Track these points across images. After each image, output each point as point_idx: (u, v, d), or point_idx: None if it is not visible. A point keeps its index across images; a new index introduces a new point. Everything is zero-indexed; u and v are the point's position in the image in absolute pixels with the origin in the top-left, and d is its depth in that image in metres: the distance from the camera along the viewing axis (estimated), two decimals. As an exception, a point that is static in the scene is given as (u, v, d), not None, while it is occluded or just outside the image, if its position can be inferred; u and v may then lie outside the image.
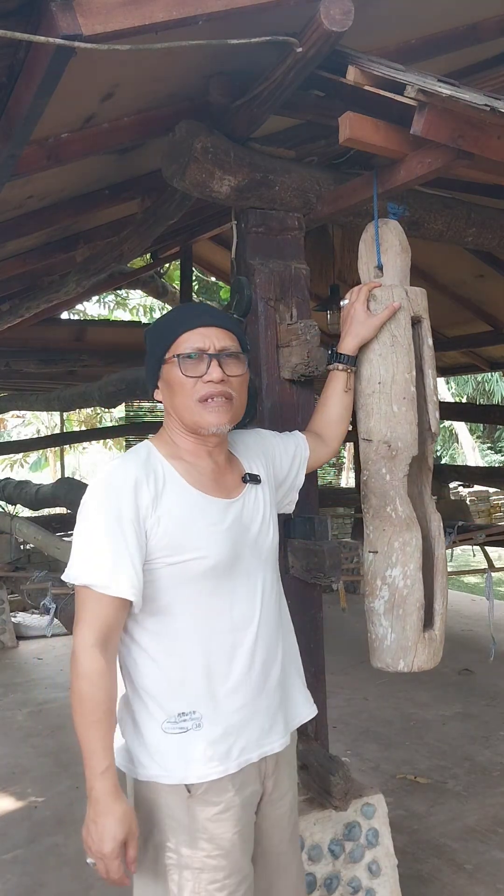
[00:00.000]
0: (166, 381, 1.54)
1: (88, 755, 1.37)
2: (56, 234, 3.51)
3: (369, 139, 1.79)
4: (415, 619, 1.82)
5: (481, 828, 3.05)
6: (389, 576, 1.85)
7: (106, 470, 1.50)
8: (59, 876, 2.82)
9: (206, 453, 1.56)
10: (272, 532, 1.63)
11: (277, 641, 1.60)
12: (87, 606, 1.41)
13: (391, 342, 1.86)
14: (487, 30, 2.26)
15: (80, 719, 1.37)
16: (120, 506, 1.42)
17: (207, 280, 8.65)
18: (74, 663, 1.39)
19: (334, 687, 4.29)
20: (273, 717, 1.56)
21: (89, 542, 1.43)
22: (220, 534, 1.50)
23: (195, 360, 1.49)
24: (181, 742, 1.45)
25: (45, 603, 4.09)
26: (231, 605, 1.51)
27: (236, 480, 1.60)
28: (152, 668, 1.48)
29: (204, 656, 1.48)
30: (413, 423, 1.85)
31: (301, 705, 1.69)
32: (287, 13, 1.64)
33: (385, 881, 2.15)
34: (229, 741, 1.48)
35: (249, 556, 1.55)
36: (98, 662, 1.37)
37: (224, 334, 1.53)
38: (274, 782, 1.60)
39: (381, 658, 1.88)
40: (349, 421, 1.93)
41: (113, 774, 1.38)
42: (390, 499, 1.86)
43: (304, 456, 1.82)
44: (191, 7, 1.46)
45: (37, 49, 1.48)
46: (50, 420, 16.84)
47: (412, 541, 1.83)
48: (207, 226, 4.10)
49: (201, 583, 1.47)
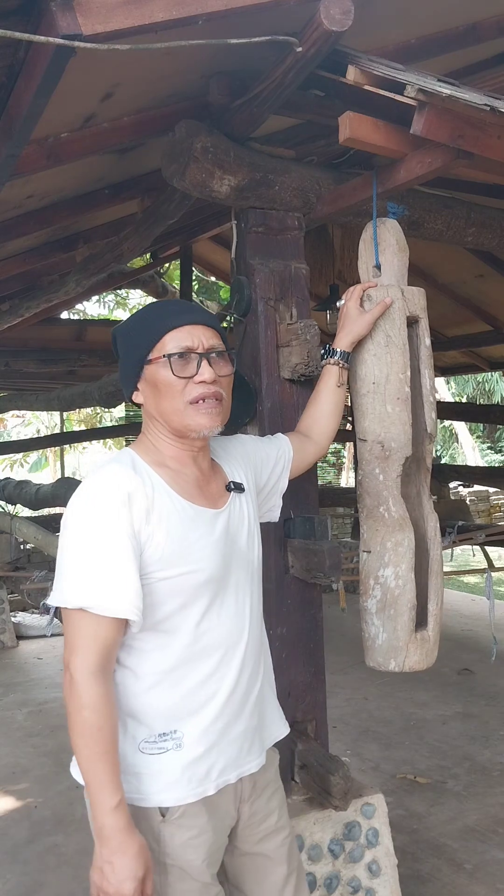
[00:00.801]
0: (151, 382, 1.44)
1: (97, 789, 1.27)
2: (56, 234, 3.51)
3: (369, 139, 1.79)
4: (406, 619, 1.82)
5: (481, 827, 3.06)
6: (382, 576, 1.84)
7: (92, 481, 1.38)
8: (59, 876, 2.82)
9: (190, 459, 1.47)
10: (257, 545, 1.56)
11: (260, 658, 1.54)
12: (82, 631, 1.31)
13: (385, 342, 1.85)
14: (487, 30, 2.26)
15: (85, 752, 1.28)
16: (113, 520, 1.32)
17: (207, 280, 8.65)
18: (74, 693, 1.29)
19: (334, 687, 4.31)
20: (252, 736, 1.50)
21: (82, 560, 1.32)
22: (211, 546, 1.42)
23: (184, 360, 1.41)
24: (159, 763, 1.37)
25: (45, 603, 4.10)
26: (221, 622, 1.44)
27: (220, 489, 1.52)
28: (134, 686, 1.39)
29: (191, 675, 1.40)
30: (407, 423, 1.85)
31: (275, 723, 1.62)
32: (287, 13, 1.64)
33: (385, 881, 2.15)
34: (209, 762, 1.41)
35: (238, 571, 1.48)
36: (101, 690, 1.29)
37: (211, 332, 1.46)
38: (251, 809, 1.52)
39: (373, 657, 1.88)
40: (340, 417, 1.90)
41: (125, 808, 1.28)
42: (383, 499, 1.86)
43: (287, 458, 1.75)
44: (191, 7, 1.46)
45: (37, 49, 1.48)
46: (50, 420, 16.83)
47: (404, 541, 1.83)
48: (207, 226, 4.09)
49: (192, 598, 1.39)
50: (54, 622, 4.45)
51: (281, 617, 2.08)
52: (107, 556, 1.31)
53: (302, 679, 2.11)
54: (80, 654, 1.30)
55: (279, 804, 1.60)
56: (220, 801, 1.45)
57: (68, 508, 1.39)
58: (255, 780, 1.52)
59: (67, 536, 1.36)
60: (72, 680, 1.30)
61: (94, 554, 1.32)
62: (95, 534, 1.32)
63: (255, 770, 1.51)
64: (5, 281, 4.00)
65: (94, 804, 1.28)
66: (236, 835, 1.54)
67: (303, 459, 1.81)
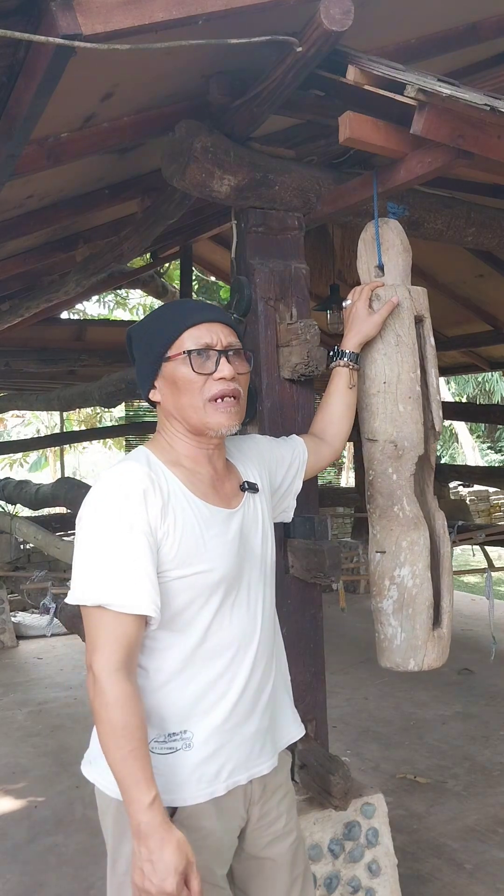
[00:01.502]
0: (169, 379, 1.44)
1: (131, 787, 1.25)
2: (56, 234, 3.52)
3: (369, 139, 1.79)
4: (424, 617, 1.82)
5: (481, 827, 3.06)
6: (398, 575, 1.84)
7: (108, 478, 1.37)
8: (59, 876, 2.82)
9: (205, 459, 1.47)
10: (271, 546, 1.56)
11: (272, 659, 1.54)
12: (104, 629, 1.29)
13: (396, 342, 1.85)
14: (487, 30, 2.26)
15: (116, 752, 1.25)
16: (130, 516, 1.31)
17: (207, 280, 8.65)
18: (99, 692, 1.27)
19: (334, 687, 4.31)
20: (263, 737, 1.49)
21: (99, 557, 1.31)
22: (225, 546, 1.42)
23: (203, 357, 1.41)
24: (168, 763, 1.37)
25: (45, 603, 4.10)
26: (232, 622, 1.43)
27: (235, 489, 1.52)
28: (144, 685, 1.38)
29: (202, 674, 1.40)
30: (419, 422, 1.85)
31: (289, 725, 1.61)
32: (287, 13, 1.64)
33: (385, 881, 2.16)
34: (219, 762, 1.40)
35: (251, 571, 1.48)
36: (126, 687, 1.27)
37: (229, 330, 1.46)
38: (260, 811, 1.52)
39: (391, 658, 1.87)
40: (353, 419, 1.90)
41: (160, 803, 1.27)
42: (397, 498, 1.86)
43: (301, 460, 1.75)
44: (190, 7, 1.46)
45: (37, 49, 1.48)
46: (50, 420, 16.83)
47: (420, 540, 1.83)
48: (207, 225, 4.10)
49: (206, 598, 1.39)
50: (54, 622, 4.45)
51: (281, 617, 2.07)
52: (125, 553, 1.30)
53: (302, 679, 2.11)
54: (102, 652, 1.29)
55: (289, 807, 1.59)
56: (230, 801, 1.44)
57: (84, 506, 1.37)
58: (265, 782, 1.51)
59: (84, 534, 1.35)
60: (95, 680, 1.28)
61: (112, 550, 1.31)
62: (112, 530, 1.31)
63: (266, 772, 1.50)
64: (5, 281, 4.00)
65: (130, 802, 1.26)
66: (244, 837, 1.53)
67: (317, 461, 1.82)
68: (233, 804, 1.45)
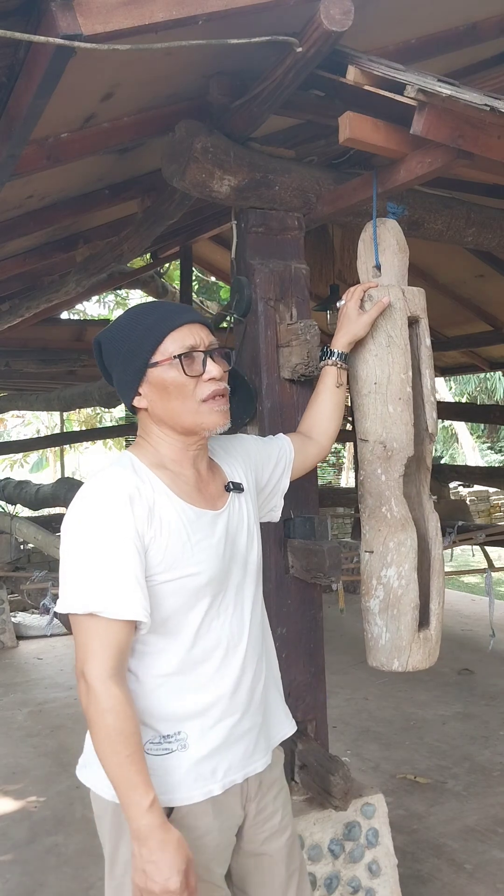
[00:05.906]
0: (158, 385, 1.42)
1: (129, 791, 1.26)
2: (56, 234, 3.52)
3: (369, 139, 1.79)
4: (409, 619, 1.82)
5: (481, 828, 3.05)
6: (384, 575, 1.84)
7: (93, 485, 1.37)
8: (59, 876, 2.82)
9: (189, 461, 1.47)
10: (256, 546, 1.56)
11: (262, 658, 1.54)
12: (95, 636, 1.29)
13: (387, 342, 1.85)
14: (487, 30, 2.27)
15: (113, 758, 1.26)
16: (117, 522, 1.31)
17: (207, 280, 8.65)
18: (94, 700, 1.27)
19: (334, 687, 4.30)
20: (256, 735, 1.50)
21: (88, 564, 1.31)
22: (211, 548, 1.42)
23: (191, 359, 1.41)
24: (164, 763, 1.38)
25: (45, 603, 4.10)
26: (221, 622, 1.44)
27: (219, 489, 1.51)
28: (136, 689, 1.38)
29: (193, 676, 1.41)
30: (409, 423, 1.85)
31: (282, 722, 1.62)
32: (287, 13, 1.64)
33: (385, 881, 2.16)
34: (214, 761, 1.41)
35: (238, 572, 1.49)
36: (119, 693, 1.28)
37: (207, 330, 1.46)
38: (257, 807, 1.53)
39: (377, 657, 1.88)
40: (341, 418, 1.89)
41: (158, 805, 1.28)
42: (385, 499, 1.86)
43: (288, 459, 1.74)
44: (191, 7, 1.46)
45: (37, 49, 1.48)
46: (50, 420, 16.84)
47: (407, 541, 1.83)
48: (207, 226, 4.10)
49: (193, 601, 1.39)
50: (54, 622, 4.45)
51: (281, 617, 2.08)
52: (112, 558, 1.30)
53: (302, 679, 2.11)
54: (94, 659, 1.29)
55: (283, 803, 1.60)
56: (227, 800, 1.45)
57: (69, 513, 1.37)
58: (261, 779, 1.53)
59: (70, 541, 1.34)
60: (88, 687, 1.28)
61: (99, 556, 1.30)
62: (99, 536, 1.31)
63: (261, 769, 1.51)
64: (5, 281, 4.00)
65: (128, 806, 1.27)
66: (242, 835, 1.54)
67: (304, 460, 1.81)
68: (229, 802, 1.47)
